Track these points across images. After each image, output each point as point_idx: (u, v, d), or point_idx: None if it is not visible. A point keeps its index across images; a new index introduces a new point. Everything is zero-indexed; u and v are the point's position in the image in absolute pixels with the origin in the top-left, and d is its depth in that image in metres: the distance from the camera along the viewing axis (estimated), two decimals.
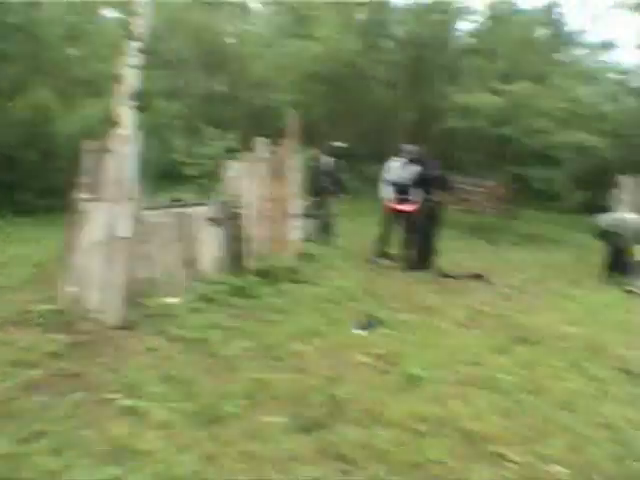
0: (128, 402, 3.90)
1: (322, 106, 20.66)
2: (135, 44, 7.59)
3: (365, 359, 4.97)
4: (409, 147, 10.22)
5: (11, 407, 3.72)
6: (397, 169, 10.00)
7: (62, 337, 4.98)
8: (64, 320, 5.38)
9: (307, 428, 3.64)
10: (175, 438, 3.46)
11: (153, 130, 17.03)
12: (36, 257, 8.52)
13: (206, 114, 24.24)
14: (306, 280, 7.33)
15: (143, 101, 6.87)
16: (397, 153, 10.37)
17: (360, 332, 5.78)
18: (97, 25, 14.85)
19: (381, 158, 10.02)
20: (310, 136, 19.78)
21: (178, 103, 21.61)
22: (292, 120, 8.62)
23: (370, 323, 6.02)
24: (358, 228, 12.11)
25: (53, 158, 14.07)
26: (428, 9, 20.12)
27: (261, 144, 7.86)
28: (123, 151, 5.68)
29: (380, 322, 6.09)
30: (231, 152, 11.05)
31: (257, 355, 4.92)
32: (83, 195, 5.89)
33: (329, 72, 19.75)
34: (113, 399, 3.95)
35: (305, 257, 8.11)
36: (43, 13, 14.09)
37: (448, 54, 21.48)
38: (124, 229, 5.44)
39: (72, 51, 14.95)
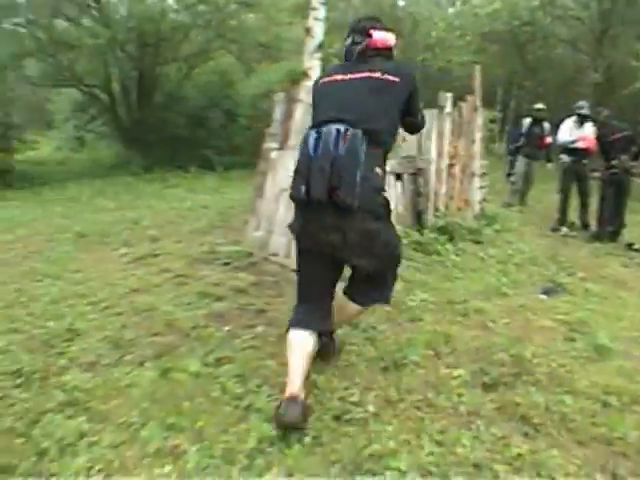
0: None
1: (500, 67, 20.03)
2: None
3: (550, 324, 4.74)
4: (582, 103, 9.40)
5: (200, 333, 4.07)
6: (571, 131, 9.24)
7: (247, 276, 5.37)
8: (249, 261, 5.80)
9: (489, 385, 3.54)
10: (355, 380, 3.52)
11: None
12: (219, 205, 9.19)
13: None
14: (485, 241, 7.19)
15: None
16: (571, 113, 9.49)
17: (544, 297, 5.56)
18: None
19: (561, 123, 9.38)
20: (488, 97, 19.36)
21: None
22: (476, 76, 8.41)
23: (554, 289, 5.78)
24: (538, 194, 11.63)
25: (234, 119, 14.88)
26: None
27: (445, 99, 7.73)
28: (309, 100, 5.94)
29: (564, 289, 5.84)
30: None
31: (439, 308, 4.87)
32: (272, 144, 6.27)
33: (507, 31, 19.01)
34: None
35: (485, 218, 7.99)
36: None
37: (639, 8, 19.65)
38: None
39: (250, 18, 15.53)
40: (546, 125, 10.33)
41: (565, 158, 9.27)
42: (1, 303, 4.71)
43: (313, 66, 7.90)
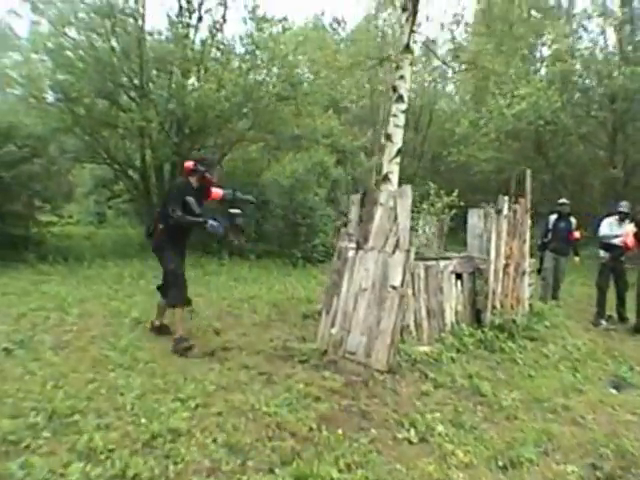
0: (427, 441, 4.02)
1: (520, 163, 20.34)
2: (400, 105, 8.13)
3: (633, 418, 4.77)
4: (624, 203, 9.52)
5: (318, 437, 3.90)
6: (612, 227, 9.36)
7: (333, 375, 5.19)
8: (328, 359, 5.61)
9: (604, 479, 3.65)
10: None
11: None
12: (268, 297, 9.04)
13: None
14: (539, 337, 7.12)
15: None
16: (611, 212, 9.67)
17: (614, 391, 5.59)
18: (308, 84, 15.61)
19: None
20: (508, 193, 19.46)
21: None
22: (527, 179, 8.50)
23: (621, 383, 5.82)
24: (568, 287, 11.52)
25: (264, 207, 14.88)
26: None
27: (503, 202, 7.77)
28: (391, 204, 5.92)
29: (630, 383, 5.84)
30: (451, 208, 11.26)
31: (528, 407, 4.86)
32: (348, 244, 6.19)
33: (530, 129, 19.48)
34: (407, 438, 4.05)
35: (534, 314, 7.90)
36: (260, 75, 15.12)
37: None
38: (397, 278, 5.61)
39: (284, 109, 15.84)
40: (572, 220, 10.34)
41: (603, 254, 9.37)
42: (82, 394, 4.45)
43: (393, 170, 8.04)
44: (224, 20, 15.39)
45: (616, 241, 9.06)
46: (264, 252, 14.20)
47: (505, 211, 7.68)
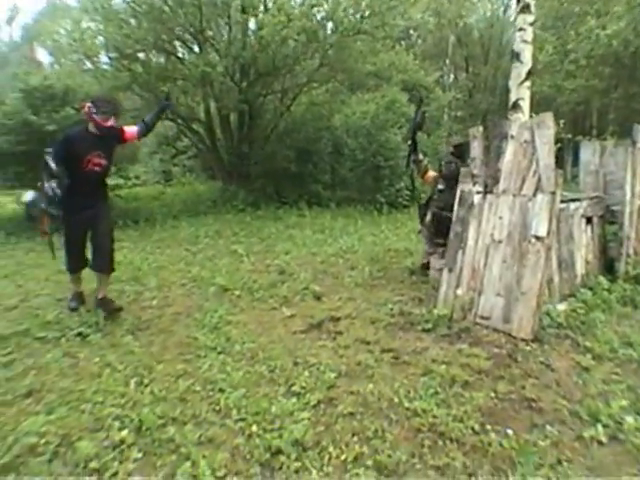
0: (619, 440, 3.01)
1: (610, 92, 18.63)
2: (528, 17, 6.88)
3: None
4: None
5: (486, 445, 2.91)
6: None
7: (472, 349, 4.18)
8: (459, 327, 4.61)
9: None
10: None
11: None
12: (362, 250, 8.08)
13: (470, 104, 23.62)
14: None
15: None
16: None
17: None
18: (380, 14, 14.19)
19: None
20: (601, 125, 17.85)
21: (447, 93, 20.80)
22: None
23: None
24: None
25: (340, 151, 13.90)
26: None
27: (637, 132, 6.53)
28: (526, 136, 4.77)
29: None
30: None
31: None
32: (474, 187, 5.10)
33: (626, 52, 17.60)
34: (594, 437, 3.03)
35: None
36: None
37: None
38: (542, 227, 4.52)
39: (356, 45, 14.55)
40: None
41: None
42: (173, 394, 3.57)
43: (524, 96, 6.85)
44: None
45: None
46: (344, 199, 13.19)
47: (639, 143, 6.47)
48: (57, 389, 3.69)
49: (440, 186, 6.08)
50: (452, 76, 26.74)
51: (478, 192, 5.04)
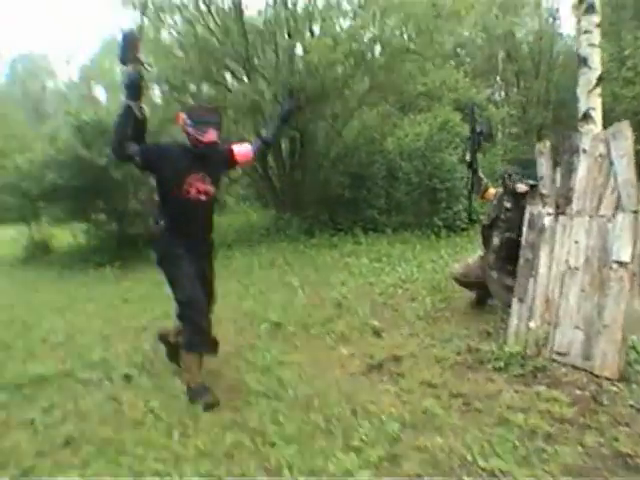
0: None
1: None
2: (593, 17, 6.43)
3: None
4: None
5: None
6: None
7: (551, 392, 3.72)
8: (533, 366, 4.14)
9: None
10: None
11: None
12: (422, 278, 7.61)
13: (524, 120, 23.05)
14: None
15: None
16: None
17: None
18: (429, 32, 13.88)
19: None
20: None
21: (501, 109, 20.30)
22: None
23: None
24: None
25: (394, 175, 13.55)
26: None
27: None
28: (601, 150, 4.32)
29: None
30: None
31: None
32: (543, 208, 4.66)
33: None
34: None
35: None
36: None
37: None
38: (624, 251, 4.04)
39: (406, 65, 14.27)
40: None
41: None
42: (219, 447, 3.25)
43: (595, 105, 6.36)
44: None
45: None
46: (400, 224, 12.77)
47: None
48: (96, 439, 3.47)
49: (507, 204, 5.52)
50: (503, 92, 26.19)
51: (549, 214, 4.59)
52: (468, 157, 5.71)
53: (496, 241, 5.44)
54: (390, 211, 13.30)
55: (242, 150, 4.41)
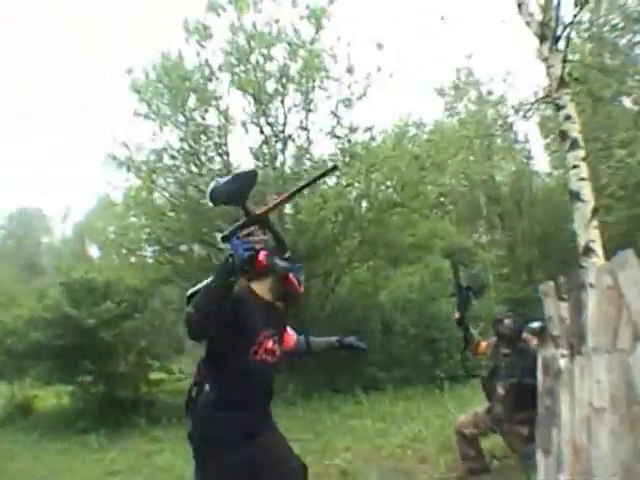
0: None
1: None
2: (578, 152, 6.56)
3: None
4: None
5: None
6: None
7: None
8: None
9: None
10: None
11: None
12: (431, 437, 7.14)
13: (512, 259, 23.29)
14: None
15: None
16: None
17: None
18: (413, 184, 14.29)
19: None
20: None
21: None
22: None
23: None
24: None
25: (390, 328, 13.31)
26: None
27: None
28: (608, 281, 4.09)
29: None
30: None
31: None
32: (556, 350, 4.36)
33: None
34: None
35: None
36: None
37: None
38: None
39: (394, 220, 14.59)
40: None
41: None
42: None
43: (594, 237, 6.31)
44: (309, 143, 14.73)
45: None
46: (401, 379, 12.33)
47: None
48: None
49: (504, 350, 5.24)
50: (489, 235, 26.77)
51: (563, 355, 4.27)
52: (457, 314, 5.38)
53: (501, 390, 5.11)
54: (390, 366, 12.90)
55: (290, 333, 3.42)
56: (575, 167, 6.65)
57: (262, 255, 2.74)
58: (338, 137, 14.53)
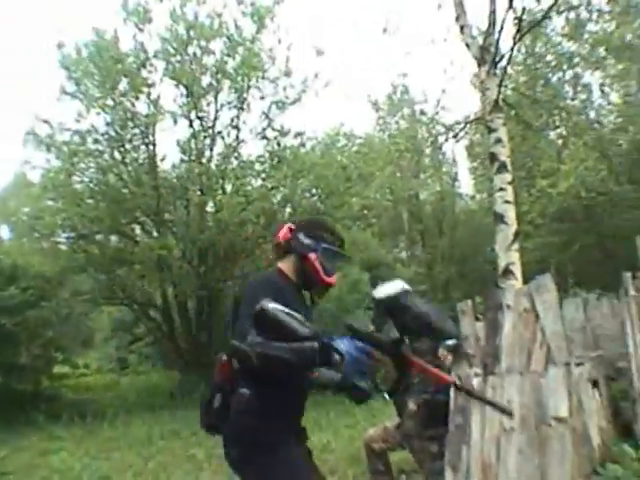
0: None
1: (570, 245, 19.03)
2: (505, 176, 6.67)
3: None
4: None
5: None
6: None
7: None
8: None
9: None
10: None
11: None
12: (340, 448, 7.13)
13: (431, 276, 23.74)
14: None
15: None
16: None
17: None
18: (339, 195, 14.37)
19: None
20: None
21: None
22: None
23: None
24: None
25: None
26: None
27: (627, 279, 6.25)
28: (524, 304, 4.19)
29: None
30: None
31: None
32: (470, 369, 4.40)
33: (579, 205, 18.18)
34: None
35: None
36: None
37: None
38: (562, 406, 3.84)
39: None
40: None
41: None
42: None
43: (514, 260, 6.41)
44: (238, 142, 14.58)
45: None
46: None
47: (632, 291, 6.11)
48: None
49: None
50: (409, 252, 27.21)
51: (477, 374, 4.32)
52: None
53: (412, 406, 5.07)
54: None
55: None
56: (501, 190, 6.79)
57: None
58: (268, 139, 14.46)
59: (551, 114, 17.67)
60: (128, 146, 13.48)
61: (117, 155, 13.38)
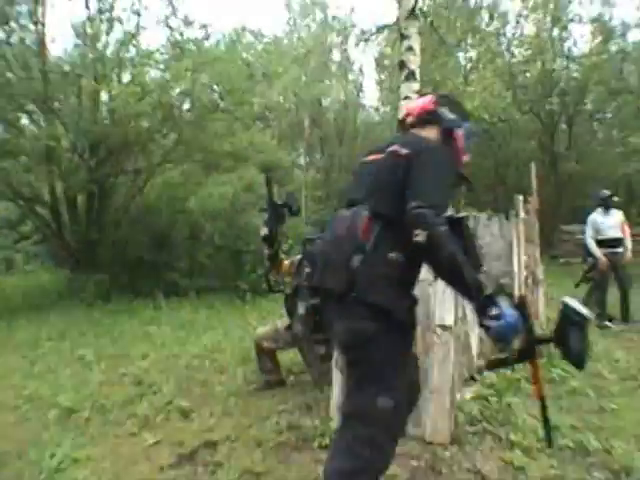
0: None
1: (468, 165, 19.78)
2: (413, 84, 6.66)
3: None
4: (603, 193, 8.48)
5: None
6: (601, 220, 8.34)
7: (391, 468, 3.44)
8: None
9: None
10: None
11: None
12: (229, 348, 7.18)
13: (328, 184, 23.87)
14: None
15: None
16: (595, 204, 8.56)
17: None
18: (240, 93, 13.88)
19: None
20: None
21: None
22: (532, 175, 7.49)
23: None
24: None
25: (198, 236, 13.06)
26: None
27: (518, 202, 6.56)
28: None
29: None
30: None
31: None
32: None
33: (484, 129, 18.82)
34: None
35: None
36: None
37: None
38: (448, 315, 3.97)
39: (215, 124, 14.16)
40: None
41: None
42: None
43: None
44: (138, 28, 13.76)
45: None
46: (204, 288, 12.22)
47: (522, 213, 6.47)
48: None
49: (308, 269, 5.16)
50: (308, 157, 27.17)
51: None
52: (265, 231, 5.06)
53: (301, 310, 5.11)
54: (193, 274, 12.74)
55: None
56: (407, 98, 6.80)
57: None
58: (171, 28, 13.81)
59: (465, 33, 17.91)
60: (14, 24, 12.35)
61: (1, 34, 12.18)
